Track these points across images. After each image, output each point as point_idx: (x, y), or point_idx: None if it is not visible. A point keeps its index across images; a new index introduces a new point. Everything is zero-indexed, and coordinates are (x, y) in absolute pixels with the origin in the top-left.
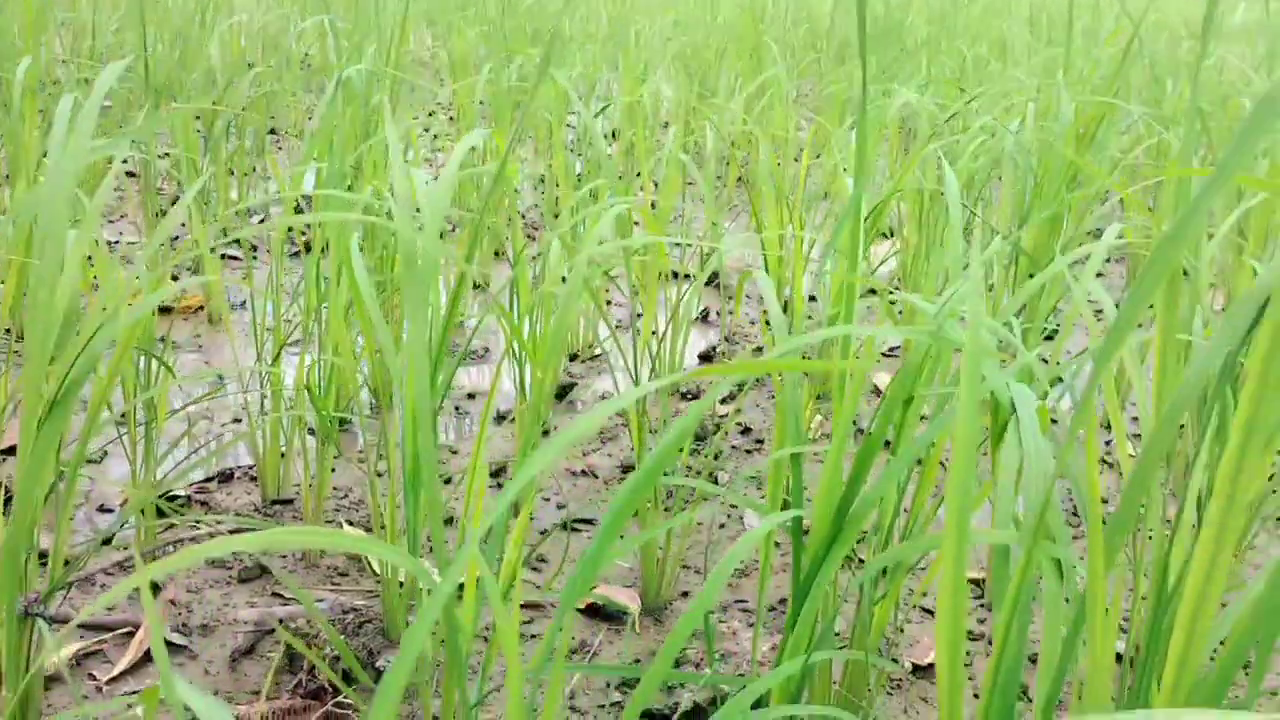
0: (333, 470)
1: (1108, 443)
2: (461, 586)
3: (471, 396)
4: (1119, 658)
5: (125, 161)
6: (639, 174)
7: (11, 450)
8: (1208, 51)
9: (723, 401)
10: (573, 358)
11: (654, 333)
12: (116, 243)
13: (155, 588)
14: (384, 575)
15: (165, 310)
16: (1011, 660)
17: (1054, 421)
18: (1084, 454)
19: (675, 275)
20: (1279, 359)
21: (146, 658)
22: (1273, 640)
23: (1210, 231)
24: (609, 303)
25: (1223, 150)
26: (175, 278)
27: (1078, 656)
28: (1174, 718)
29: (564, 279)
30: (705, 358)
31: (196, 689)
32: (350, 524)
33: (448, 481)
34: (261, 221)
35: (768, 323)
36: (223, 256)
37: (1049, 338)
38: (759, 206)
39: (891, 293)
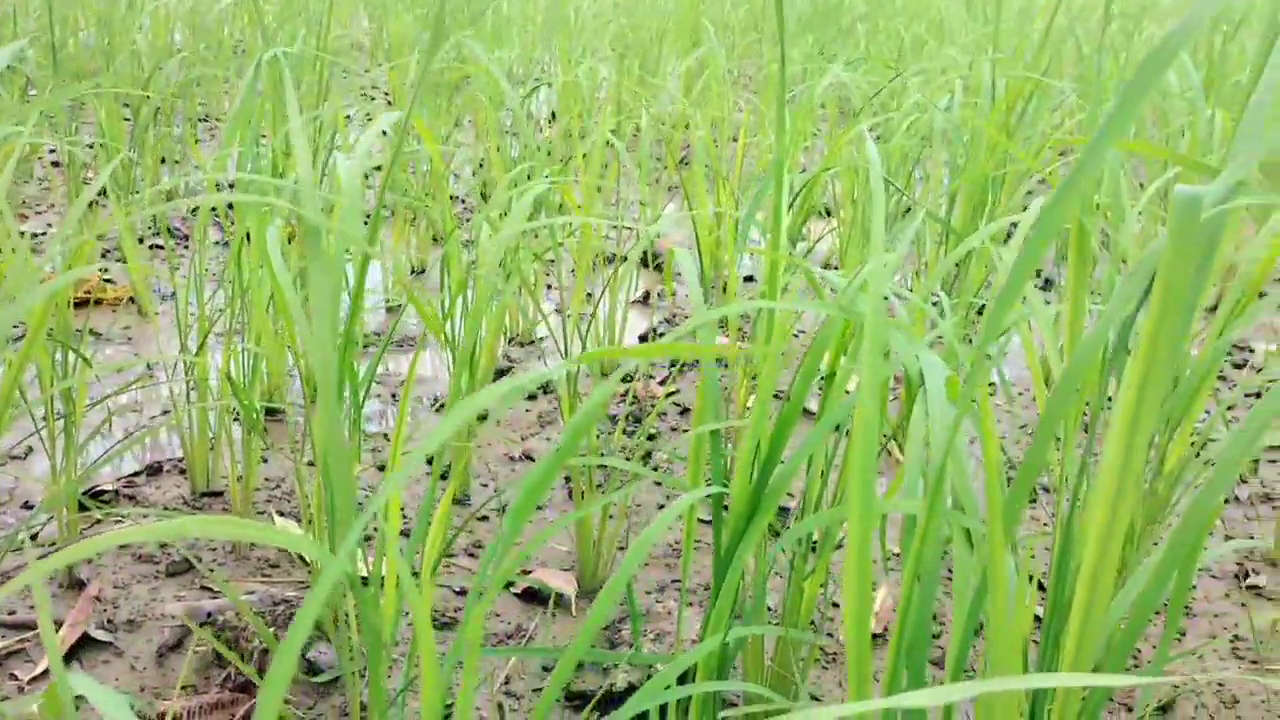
0: (265, 460)
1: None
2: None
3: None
4: (1040, 622)
5: (53, 152)
6: (579, 156)
7: None
8: (1140, 28)
9: (661, 382)
10: (511, 341)
11: (590, 314)
12: (43, 234)
13: (80, 584)
14: (315, 566)
15: (94, 302)
16: (916, 627)
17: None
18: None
19: (612, 259)
20: (1168, 321)
21: (71, 654)
22: (1181, 602)
23: (1132, 202)
24: (550, 287)
25: (1145, 122)
26: (104, 270)
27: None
28: (1064, 681)
29: (474, 267)
30: (644, 339)
31: (95, 683)
32: (281, 515)
33: (382, 469)
34: (194, 210)
35: (707, 302)
36: (151, 246)
37: (980, 312)
38: (691, 189)
39: (809, 270)
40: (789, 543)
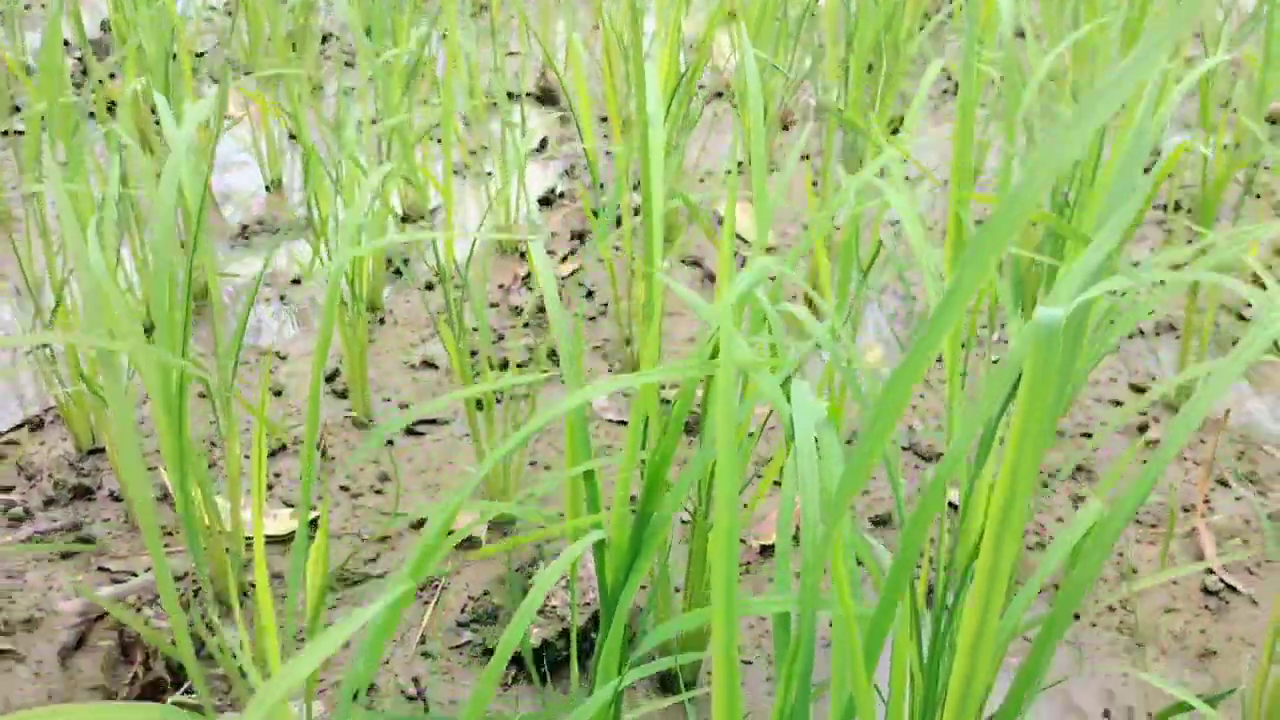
0: None
1: None
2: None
3: (297, 282)
4: None
5: None
6: None
7: None
8: None
9: (564, 259)
10: (405, 220)
11: (486, 172)
12: None
13: None
14: (212, 527)
15: None
16: None
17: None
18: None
19: (512, 96)
20: (1031, 429)
21: None
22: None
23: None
24: (437, 140)
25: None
26: None
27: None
28: None
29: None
30: (545, 201)
31: None
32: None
33: (278, 394)
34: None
35: (608, 152)
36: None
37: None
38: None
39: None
40: (652, 646)
